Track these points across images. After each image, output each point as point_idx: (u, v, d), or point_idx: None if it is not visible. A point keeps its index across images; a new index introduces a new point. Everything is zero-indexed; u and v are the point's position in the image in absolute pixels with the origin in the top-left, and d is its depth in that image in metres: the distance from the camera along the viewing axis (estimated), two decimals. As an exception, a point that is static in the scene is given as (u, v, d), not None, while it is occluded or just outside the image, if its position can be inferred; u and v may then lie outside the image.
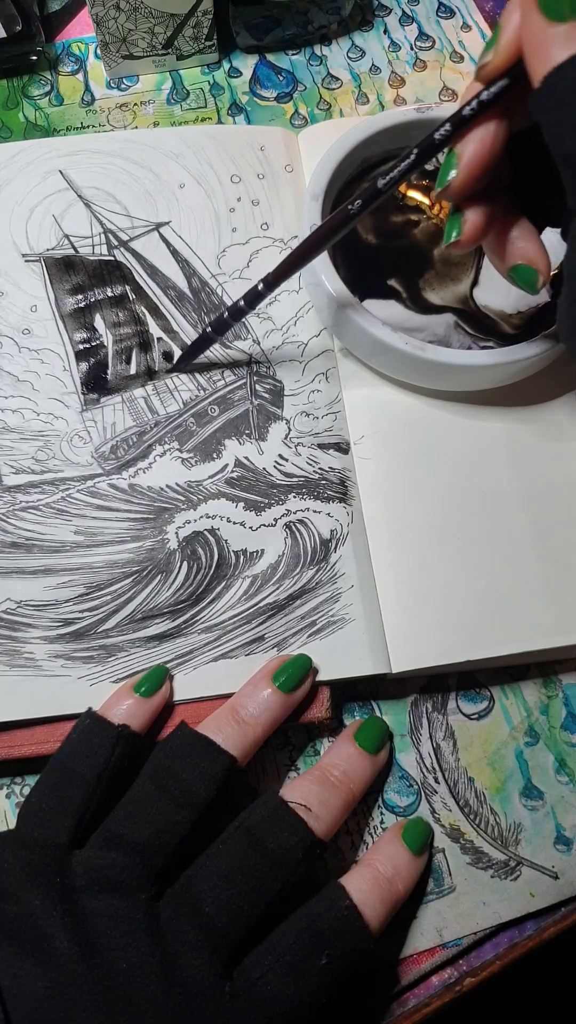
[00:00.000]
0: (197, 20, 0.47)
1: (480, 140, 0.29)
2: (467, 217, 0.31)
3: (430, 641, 0.37)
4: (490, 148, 0.29)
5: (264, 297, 0.36)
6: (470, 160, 0.29)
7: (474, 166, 0.29)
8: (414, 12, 0.53)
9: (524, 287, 0.32)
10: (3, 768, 0.37)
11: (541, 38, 0.25)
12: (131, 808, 0.31)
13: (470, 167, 0.29)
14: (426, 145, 0.29)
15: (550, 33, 0.24)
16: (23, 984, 0.27)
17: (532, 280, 0.31)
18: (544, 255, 0.32)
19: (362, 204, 0.32)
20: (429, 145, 0.29)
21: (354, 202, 0.32)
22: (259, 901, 0.30)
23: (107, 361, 0.41)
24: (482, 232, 0.31)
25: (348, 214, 0.32)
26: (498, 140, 0.29)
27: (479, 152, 0.29)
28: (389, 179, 0.31)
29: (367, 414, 0.41)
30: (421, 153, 0.30)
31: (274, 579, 0.38)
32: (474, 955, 0.35)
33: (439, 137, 0.29)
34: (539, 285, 0.32)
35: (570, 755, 0.38)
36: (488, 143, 0.29)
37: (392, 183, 0.31)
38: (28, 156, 0.45)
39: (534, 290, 0.32)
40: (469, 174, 0.29)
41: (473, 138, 0.29)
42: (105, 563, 0.37)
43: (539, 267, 0.31)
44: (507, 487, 0.40)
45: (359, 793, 0.34)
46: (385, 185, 0.31)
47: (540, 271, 0.31)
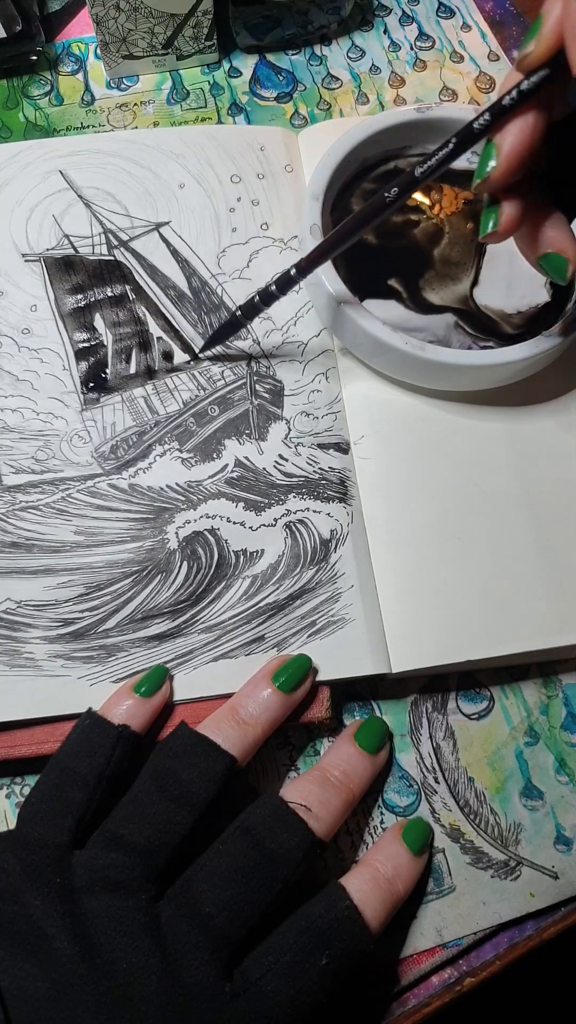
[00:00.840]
0: (197, 20, 0.47)
1: (520, 131, 0.28)
2: (504, 208, 0.30)
3: (430, 641, 0.37)
4: (530, 138, 0.28)
5: (296, 283, 0.36)
6: (510, 151, 0.28)
7: (514, 157, 0.28)
8: (414, 12, 0.53)
9: (554, 276, 0.32)
10: (3, 768, 0.37)
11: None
12: (131, 808, 0.31)
13: (510, 158, 0.28)
14: (464, 134, 0.29)
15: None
16: (23, 985, 0.27)
17: (563, 269, 0.31)
18: (574, 244, 0.31)
19: (399, 192, 0.32)
20: (468, 134, 0.29)
21: (391, 190, 0.32)
22: (259, 901, 0.30)
23: (107, 360, 0.41)
24: (518, 223, 0.31)
25: (384, 201, 0.32)
26: (537, 131, 0.28)
27: (519, 143, 0.28)
28: (427, 167, 0.31)
29: (367, 414, 0.41)
30: (459, 142, 0.30)
31: (274, 579, 0.38)
32: (474, 955, 0.35)
33: (478, 127, 0.29)
34: (569, 274, 0.31)
35: (570, 755, 0.38)
36: (528, 133, 0.28)
37: (430, 171, 0.31)
38: (28, 156, 0.45)
39: (564, 279, 0.32)
40: (509, 165, 0.29)
41: (512, 129, 0.28)
42: (105, 563, 0.37)
43: (569, 256, 0.31)
44: (507, 487, 0.40)
45: (359, 793, 0.34)
46: (423, 174, 0.31)
47: (571, 260, 0.31)
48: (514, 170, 0.29)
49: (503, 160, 0.29)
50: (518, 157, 0.29)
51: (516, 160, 0.29)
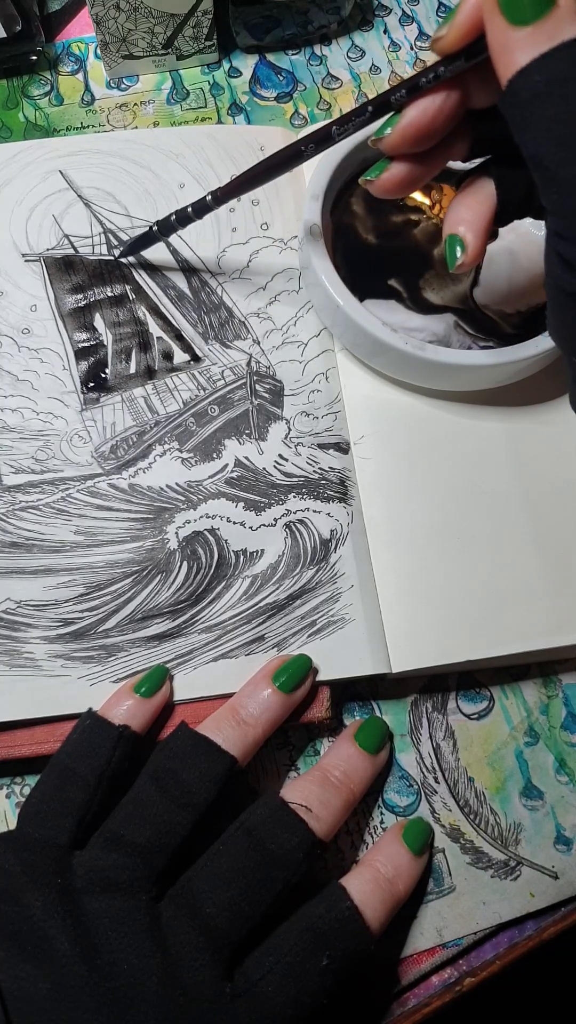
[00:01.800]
0: (197, 20, 0.47)
1: (423, 109, 0.29)
2: (391, 166, 0.32)
3: (430, 641, 0.37)
4: (431, 117, 0.30)
5: (211, 210, 0.38)
6: (407, 123, 0.30)
7: (409, 129, 0.30)
8: (414, 12, 0.53)
9: (447, 258, 0.32)
10: (3, 768, 0.37)
11: (504, 41, 0.25)
12: (132, 809, 0.31)
13: (405, 130, 0.30)
14: (380, 103, 0.31)
15: (513, 36, 0.24)
16: (24, 986, 0.27)
17: (454, 255, 0.31)
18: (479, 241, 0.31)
19: (315, 146, 0.34)
20: (384, 103, 0.31)
21: (307, 144, 0.34)
22: (260, 902, 0.30)
23: (107, 360, 0.41)
24: (396, 185, 0.32)
25: (299, 151, 0.34)
26: (442, 112, 0.29)
27: (418, 119, 0.30)
28: (343, 129, 0.33)
29: (367, 414, 0.41)
30: (375, 110, 0.31)
31: (274, 579, 0.38)
32: (474, 955, 0.35)
33: (394, 100, 0.30)
34: (458, 262, 0.31)
35: (570, 755, 0.38)
36: (430, 113, 0.29)
37: (345, 133, 0.33)
38: (28, 156, 0.44)
39: (452, 264, 0.32)
40: (403, 135, 0.30)
41: (418, 105, 0.30)
42: (105, 563, 0.37)
43: (468, 247, 0.31)
44: (507, 487, 0.40)
45: (359, 793, 0.34)
46: (337, 133, 0.33)
47: (467, 250, 0.31)
48: (408, 140, 0.30)
49: (398, 129, 0.30)
50: (414, 130, 0.30)
51: (411, 132, 0.30)
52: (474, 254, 0.31)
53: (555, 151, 0.25)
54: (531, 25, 0.24)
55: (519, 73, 0.25)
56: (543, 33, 0.24)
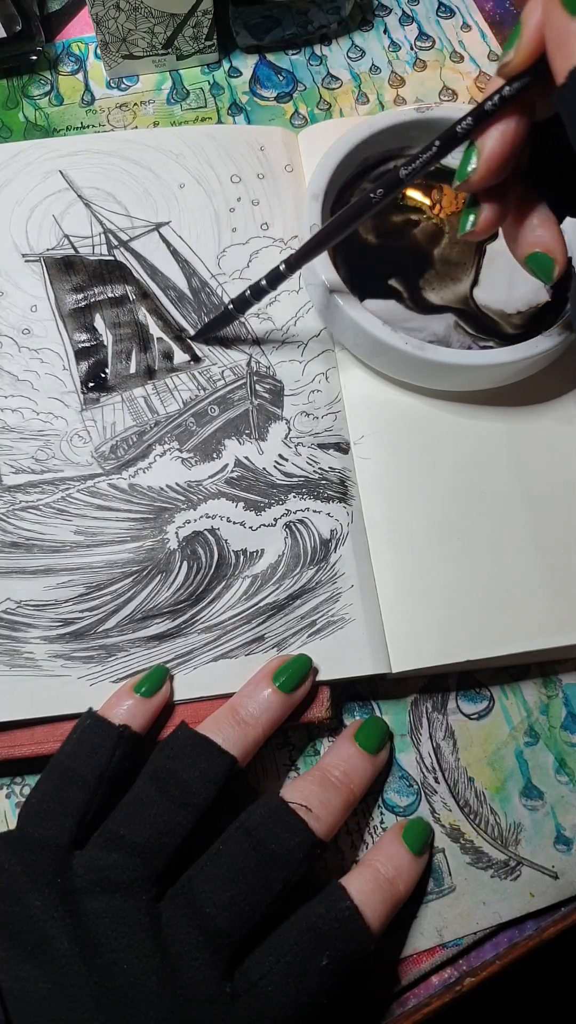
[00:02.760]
0: (197, 20, 0.47)
1: (500, 135, 0.29)
2: (483, 209, 0.31)
3: (430, 641, 0.37)
4: (510, 143, 0.29)
5: (285, 278, 0.37)
6: (490, 155, 0.29)
7: (494, 160, 0.29)
8: (414, 12, 0.53)
9: (539, 275, 0.32)
10: (3, 768, 0.37)
11: (564, 34, 0.25)
12: (132, 809, 0.31)
13: (490, 161, 0.29)
14: (448, 137, 0.30)
15: (573, 28, 0.24)
16: (24, 985, 0.27)
17: (548, 268, 0.32)
18: (561, 244, 0.32)
19: (384, 192, 0.33)
20: (451, 137, 0.30)
21: (376, 191, 0.33)
22: (260, 902, 0.30)
23: (107, 360, 0.41)
24: (496, 223, 0.32)
25: (370, 201, 0.33)
26: (518, 135, 0.29)
27: (499, 147, 0.29)
28: (411, 169, 0.32)
29: (367, 414, 0.41)
30: (443, 145, 0.31)
31: (274, 579, 0.38)
32: (474, 955, 0.35)
33: (461, 130, 0.29)
34: (555, 274, 0.32)
35: (570, 755, 0.38)
36: (508, 138, 0.29)
37: (414, 173, 0.32)
38: (28, 156, 0.44)
39: (549, 279, 0.32)
40: (489, 168, 0.29)
41: (493, 133, 0.29)
42: (105, 563, 0.37)
43: (555, 256, 0.31)
44: (507, 487, 0.40)
45: (359, 793, 0.34)
46: (407, 175, 0.32)
47: (556, 260, 0.31)
48: (494, 172, 0.30)
49: (483, 163, 0.29)
50: (498, 160, 0.29)
51: (496, 163, 0.29)
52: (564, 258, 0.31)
53: None
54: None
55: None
56: None
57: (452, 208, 0.44)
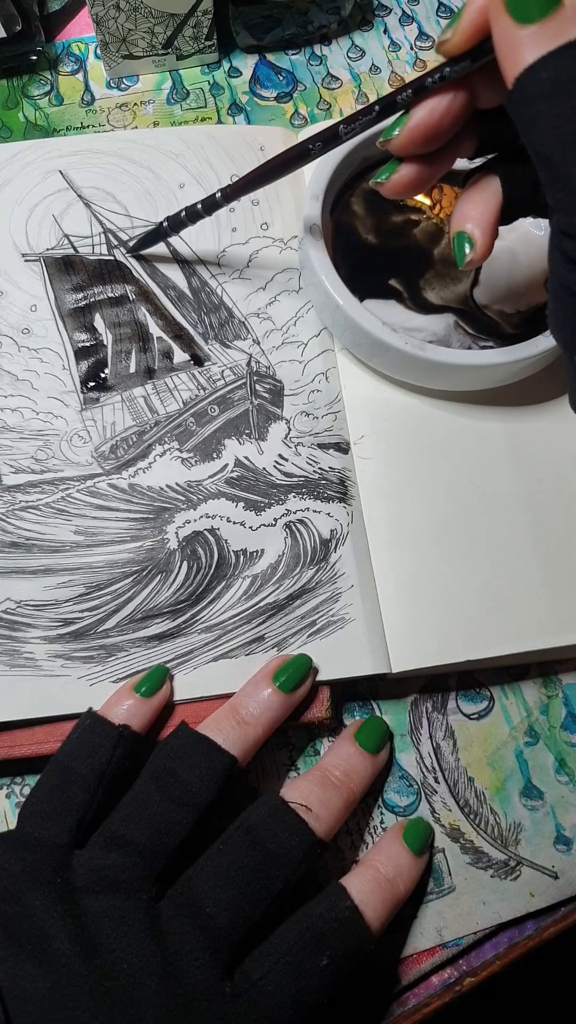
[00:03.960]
0: (197, 20, 0.47)
1: (430, 110, 0.30)
2: (400, 168, 0.32)
3: (430, 641, 0.37)
4: (437, 119, 0.30)
5: (220, 207, 0.38)
6: (415, 124, 0.30)
7: (417, 130, 0.30)
8: (414, 12, 0.53)
9: (456, 255, 0.32)
10: (3, 768, 0.37)
11: (511, 40, 0.25)
12: (132, 808, 0.31)
13: (413, 131, 0.30)
14: (387, 103, 0.31)
15: (519, 35, 0.25)
16: (24, 985, 0.27)
17: (462, 252, 0.31)
18: (488, 233, 0.31)
19: (322, 145, 0.34)
20: (391, 103, 0.31)
21: (315, 143, 0.34)
22: (260, 901, 0.30)
23: (107, 360, 0.41)
24: (409, 188, 0.32)
25: (307, 150, 0.34)
26: (449, 114, 0.30)
27: (425, 120, 0.30)
28: (350, 128, 0.33)
29: (367, 414, 0.41)
30: (382, 110, 0.32)
31: (274, 579, 0.38)
32: (474, 955, 0.35)
33: (401, 99, 0.30)
34: (467, 257, 0.31)
35: (570, 755, 0.38)
36: (436, 114, 0.30)
37: (352, 132, 0.33)
38: (28, 156, 0.44)
39: (461, 262, 0.32)
40: (410, 136, 0.30)
41: (425, 106, 0.30)
42: (105, 563, 0.37)
43: (476, 243, 0.31)
44: (507, 487, 0.40)
45: (359, 793, 0.34)
46: (345, 132, 0.33)
47: (475, 247, 0.31)
48: (416, 141, 0.30)
49: (406, 131, 0.30)
50: (421, 131, 0.30)
51: (419, 133, 0.30)
52: (483, 251, 0.31)
53: (561, 149, 0.25)
54: (537, 23, 0.24)
55: (526, 71, 0.25)
56: (549, 31, 0.24)
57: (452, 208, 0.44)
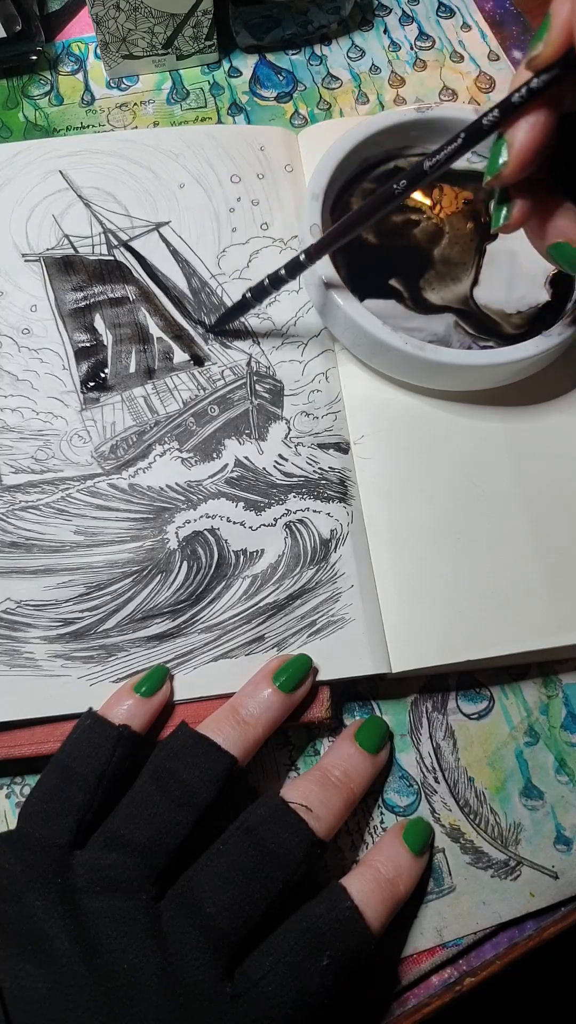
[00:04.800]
0: (197, 20, 0.47)
1: (531, 127, 0.29)
2: (515, 203, 0.31)
3: (430, 641, 0.37)
4: (540, 136, 0.29)
5: (304, 268, 0.37)
6: (521, 147, 0.29)
7: (525, 153, 0.29)
8: (414, 12, 0.53)
9: (564, 265, 0.32)
10: (3, 768, 0.37)
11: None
12: (132, 809, 0.31)
13: (521, 154, 0.29)
14: (473, 130, 0.30)
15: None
16: (24, 985, 0.27)
17: (572, 257, 0.31)
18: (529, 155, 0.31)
19: (407, 184, 0.32)
20: (477, 130, 0.30)
21: (399, 182, 0.33)
22: (260, 902, 0.30)
23: (107, 360, 0.41)
24: (528, 216, 0.31)
25: (393, 192, 0.33)
26: (548, 128, 0.29)
27: (529, 139, 0.29)
28: (436, 161, 0.31)
29: (367, 414, 0.41)
30: (468, 137, 0.30)
31: (274, 579, 0.38)
32: (474, 955, 0.35)
33: (487, 123, 0.29)
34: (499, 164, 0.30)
35: (570, 755, 0.38)
36: (538, 131, 0.29)
37: (438, 166, 0.31)
38: (28, 156, 0.44)
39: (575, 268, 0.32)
40: (520, 160, 0.29)
41: (523, 125, 0.29)
42: (105, 563, 0.37)
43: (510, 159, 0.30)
44: (507, 487, 0.40)
45: (360, 793, 0.34)
46: (431, 167, 0.32)
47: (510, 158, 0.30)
48: (525, 165, 0.29)
49: (515, 156, 0.29)
50: (529, 153, 0.29)
51: (527, 156, 0.29)
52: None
53: None
54: None
55: None
56: None
57: (452, 208, 0.44)
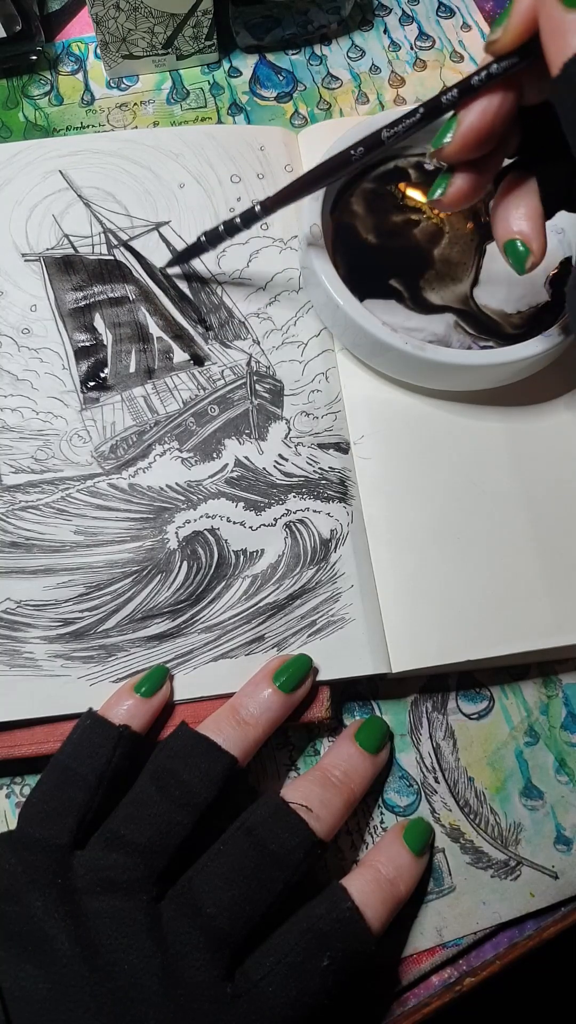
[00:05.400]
0: (197, 20, 0.47)
1: (482, 112, 0.29)
2: (455, 180, 0.31)
3: (430, 641, 0.37)
4: (491, 120, 0.29)
5: (259, 219, 0.38)
6: (468, 128, 0.29)
7: (470, 133, 0.29)
8: (414, 12, 0.53)
9: (513, 264, 0.32)
10: (3, 768, 0.37)
11: (559, 25, 0.24)
12: (132, 809, 0.31)
13: (466, 135, 0.29)
14: (432, 106, 0.30)
15: (568, 19, 0.24)
16: (24, 986, 0.27)
17: (521, 257, 0.31)
18: (540, 237, 0.31)
19: (364, 151, 0.33)
20: (435, 106, 0.30)
21: (356, 148, 0.33)
22: (260, 902, 0.29)
23: (107, 360, 0.41)
24: (466, 197, 0.31)
25: (349, 157, 0.33)
26: (501, 114, 0.29)
27: (478, 122, 0.29)
28: (393, 132, 0.32)
29: (367, 414, 0.41)
30: (427, 113, 0.31)
31: (274, 579, 0.38)
32: (474, 955, 0.35)
33: (446, 101, 0.29)
34: (527, 264, 0.31)
35: (570, 755, 0.38)
36: (489, 115, 0.29)
37: (396, 137, 0.32)
38: (28, 156, 0.44)
39: (521, 268, 0.31)
40: (463, 141, 0.29)
41: (475, 108, 0.29)
42: (105, 563, 0.37)
43: (531, 246, 0.31)
44: (507, 487, 0.40)
45: (360, 793, 0.34)
46: (388, 138, 0.32)
47: (532, 251, 0.31)
48: (469, 146, 0.30)
49: (459, 135, 0.29)
50: (475, 135, 0.29)
51: (472, 137, 0.29)
52: (540, 251, 0.31)
53: None
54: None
55: (574, 56, 0.24)
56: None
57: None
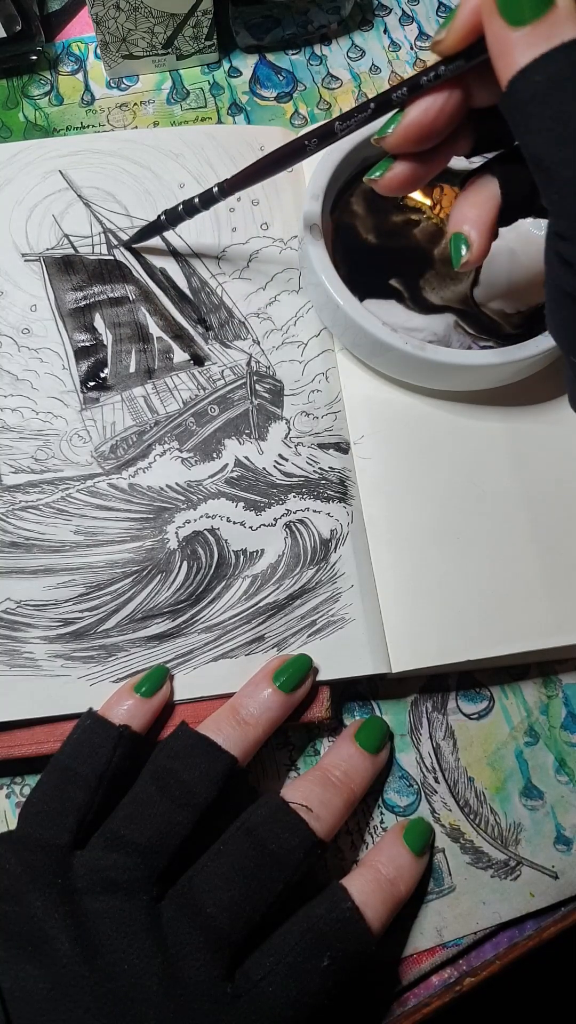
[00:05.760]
0: (197, 20, 0.47)
1: (424, 110, 0.30)
2: (394, 166, 0.32)
3: (430, 641, 0.37)
4: (432, 117, 0.30)
5: (217, 201, 0.38)
6: (408, 124, 0.30)
7: (411, 128, 0.30)
8: (414, 12, 0.53)
9: (452, 255, 0.32)
10: (3, 768, 0.37)
11: (504, 42, 0.25)
12: (132, 809, 0.31)
13: (407, 129, 0.30)
14: (382, 101, 0.31)
15: (512, 37, 0.25)
16: (24, 986, 0.27)
17: (459, 253, 0.31)
18: (484, 241, 0.31)
19: (318, 141, 0.34)
20: (385, 101, 0.31)
21: (311, 139, 0.34)
22: (260, 902, 0.30)
23: (107, 360, 0.41)
24: (403, 185, 0.32)
25: (303, 145, 0.34)
26: (444, 113, 0.30)
27: (418, 120, 0.30)
28: (346, 125, 0.33)
29: (367, 414, 0.41)
30: (377, 107, 0.32)
31: (274, 579, 0.38)
32: (474, 955, 0.35)
33: (396, 97, 0.30)
34: (463, 258, 0.31)
35: (570, 755, 0.38)
36: (431, 113, 0.30)
37: (347, 129, 0.33)
38: (28, 156, 0.44)
39: (457, 261, 0.31)
40: (405, 134, 0.30)
41: (420, 104, 0.30)
42: (105, 563, 0.37)
43: (472, 246, 0.31)
44: (507, 487, 0.40)
45: (360, 793, 0.34)
46: (340, 129, 0.33)
47: (471, 250, 0.31)
48: (410, 140, 0.30)
49: (400, 128, 0.30)
50: (416, 129, 0.30)
51: (413, 131, 0.30)
52: (479, 252, 0.31)
53: (555, 151, 0.25)
54: (529, 25, 0.24)
55: (519, 74, 0.25)
56: (541, 34, 0.24)
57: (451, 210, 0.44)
